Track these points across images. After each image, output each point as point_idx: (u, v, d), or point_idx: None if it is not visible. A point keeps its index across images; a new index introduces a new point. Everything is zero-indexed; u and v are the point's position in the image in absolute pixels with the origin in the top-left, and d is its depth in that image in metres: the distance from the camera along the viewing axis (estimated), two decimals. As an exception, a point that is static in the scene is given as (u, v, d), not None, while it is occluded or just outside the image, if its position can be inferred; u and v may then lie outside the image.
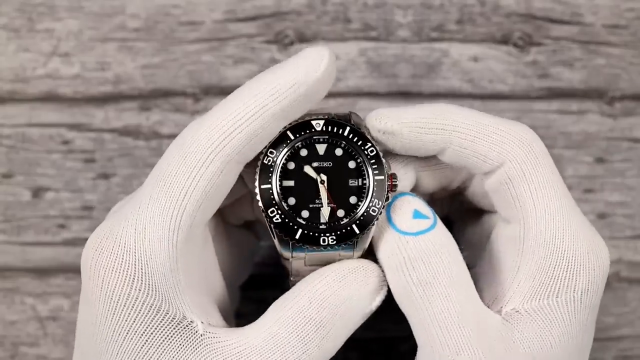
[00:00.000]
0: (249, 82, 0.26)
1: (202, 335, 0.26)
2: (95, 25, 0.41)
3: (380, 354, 0.40)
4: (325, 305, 0.26)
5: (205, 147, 0.25)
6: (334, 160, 0.28)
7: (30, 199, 0.41)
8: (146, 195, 0.26)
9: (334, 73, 0.26)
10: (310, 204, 0.27)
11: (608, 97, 0.41)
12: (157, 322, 0.25)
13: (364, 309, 0.27)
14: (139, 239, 0.25)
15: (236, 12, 0.41)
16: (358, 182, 0.27)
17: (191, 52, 0.41)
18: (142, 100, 0.41)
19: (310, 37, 0.41)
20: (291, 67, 0.26)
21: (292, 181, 0.27)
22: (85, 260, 0.26)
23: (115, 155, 0.41)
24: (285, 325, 0.26)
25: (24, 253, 0.41)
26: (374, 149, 0.27)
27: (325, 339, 0.26)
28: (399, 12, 0.41)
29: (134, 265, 0.25)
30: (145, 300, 0.25)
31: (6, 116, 0.41)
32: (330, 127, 0.27)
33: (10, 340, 0.40)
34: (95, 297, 0.26)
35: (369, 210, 0.27)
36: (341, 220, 0.27)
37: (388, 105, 0.30)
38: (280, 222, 0.27)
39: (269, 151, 0.27)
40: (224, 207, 0.31)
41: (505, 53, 0.41)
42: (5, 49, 0.41)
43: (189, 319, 0.26)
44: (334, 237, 0.27)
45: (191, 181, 0.25)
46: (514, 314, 0.27)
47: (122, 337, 0.25)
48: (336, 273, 0.27)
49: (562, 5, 0.41)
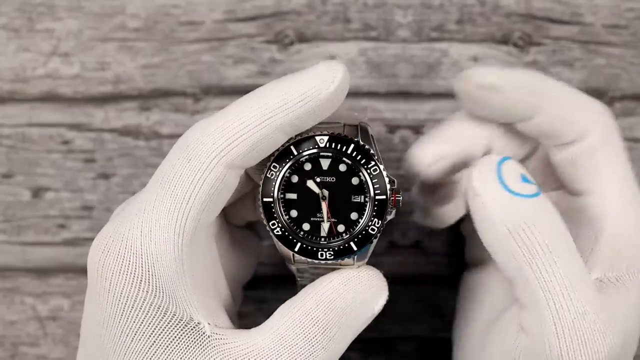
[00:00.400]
0: (258, 90, 0.26)
1: (209, 336, 0.26)
2: (95, 25, 0.41)
3: (380, 354, 0.40)
4: (331, 307, 0.26)
5: (209, 151, 0.25)
6: (337, 176, 0.28)
7: (30, 199, 0.41)
8: (151, 198, 0.26)
9: (346, 90, 0.26)
10: (312, 217, 0.28)
11: (608, 97, 0.41)
12: (165, 324, 0.26)
13: (368, 312, 0.28)
14: (145, 242, 0.25)
15: (236, 12, 0.41)
16: (360, 198, 0.28)
17: (191, 52, 0.41)
18: (142, 100, 0.41)
19: (310, 37, 0.41)
20: (303, 80, 0.25)
21: (294, 194, 0.28)
22: (92, 262, 0.26)
23: (115, 155, 0.41)
24: (293, 327, 0.26)
25: (24, 253, 0.41)
26: (377, 168, 0.27)
27: (331, 341, 0.26)
28: (399, 12, 0.41)
29: (140, 268, 0.25)
30: (153, 301, 0.25)
31: (6, 116, 0.41)
32: (334, 143, 0.27)
33: (10, 340, 0.40)
34: (103, 298, 0.26)
35: (367, 229, 0.27)
36: (341, 236, 0.28)
37: (388, 106, 0.30)
38: (280, 235, 0.27)
39: (272, 165, 0.27)
40: (226, 208, 0.31)
41: (505, 53, 0.41)
42: (5, 49, 0.41)
43: (195, 320, 0.26)
44: (332, 253, 0.27)
45: (195, 185, 0.25)
46: (598, 282, 0.28)
47: (130, 338, 0.25)
48: (341, 278, 0.27)
49: (562, 5, 0.41)
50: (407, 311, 0.40)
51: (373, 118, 0.40)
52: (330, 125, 0.28)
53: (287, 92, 0.25)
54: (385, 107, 0.40)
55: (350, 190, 0.28)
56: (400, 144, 0.40)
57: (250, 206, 0.32)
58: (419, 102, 0.40)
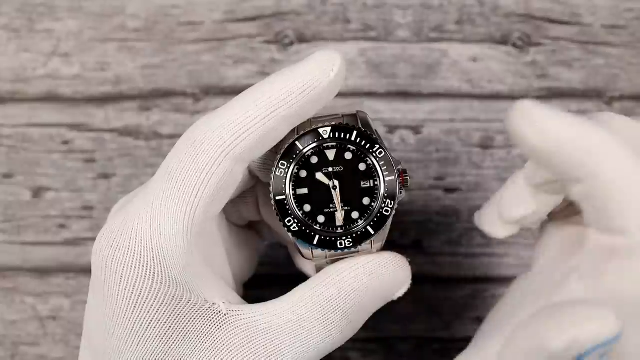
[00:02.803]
0: (260, 84, 0.27)
1: (225, 314, 0.27)
2: (95, 25, 0.41)
3: (379, 354, 0.40)
4: (353, 296, 0.27)
5: (217, 146, 0.26)
6: (345, 165, 0.28)
7: (30, 199, 0.41)
8: (158, 192, 0.26)
9: (344, 76, 0.27)
10: (325, 209, 0.28)
11: (607, 98, 0.41)
12: (180, 309, 0.26)
13: (388, 299, 0.28)
14: (155, 235, 0.26)
15: (236, 12, 0.41)
16: (370, 183, 0.28)
17: (191, 52, 0.41)
18: (142, 100, 0.41)
19: (310, 38, 0.41)
20: (303, 71, 0.26)
21: (305, 189, 0.28)
22: (100, 258, 0.26)
23: (116, 155, 0.41)
24: (312, 310, 0.27)
25: (24, 253, 0.41)
26: (382, 151, 0.28)
27: (348, 326, 0.27)
28: (399, 12, 0.41)
29: (152, 260, 0.26)
30: (167, 292, 0.26)
31: (6, 116, 0.41)
32: (337, 133, 0.28)
33: (10, 339, 0.40)
34: (112, 292, 0.26)
35: (381, 211, 0.28)
36: (356, 222, 0.28)
37: (387, 106, 0.30)
38: (297, 230, 0.28)
39: (280, 163, 0.28)
40: (226, 207, 0.31)
41: (505, 53, 0.41)
42: (6, 49, 0.41)
43: (210, 302, 0.27)
44: (350, 240, 0.28)
45: (203, 179, 0.26)
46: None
47: (144, 327, 0.26)
48: (366, 267, 0.28)
49: (561, 5, 0.41)
50: (406, 311, 0.40)
51: (373, 118, 0.40)
52: (330, 117, 0.28)
53: (290, 84, 0.26)
54: (385, 107, 0.40)
55: (358, 177, 0.28)
56: (400, 144, 0.40)
57: (251, 206, 0.32)
58: (419, 103, 0.41)
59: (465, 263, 0.40)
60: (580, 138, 0.23)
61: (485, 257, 0.40)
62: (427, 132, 0.40)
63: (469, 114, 0.41)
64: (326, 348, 0.27)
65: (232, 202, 0.31)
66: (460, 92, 0.41)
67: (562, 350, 0.21)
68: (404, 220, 0.40)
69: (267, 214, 0.32)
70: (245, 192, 0.31)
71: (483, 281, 0.40)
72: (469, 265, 0.40)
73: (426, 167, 0.40)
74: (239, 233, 0.33)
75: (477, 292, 0.40)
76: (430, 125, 0.40)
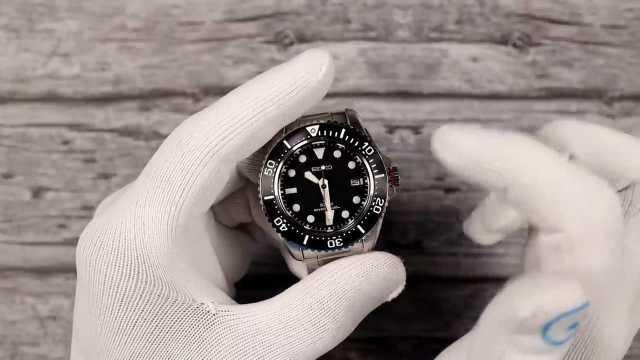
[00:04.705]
0: (248, 84, 0.26)
1: (214, 314, 0.26)
2: (95, 25, 0.41)
3: (378, 354, 0.40)
4: (345, 298, 0.27)
5: (203, 146, 0.26)
6: (334, 163, 0.28)
7: (30, 199, 0.41)
8: (143, 192, 0.26)
9: (333, 76, 0.27)
10: (315, 208, 0.28)
11: (607, 97, 0.41)
12: (167, 308, 0.26)
13: (381, 300, 0.28)
14: (139, 235, 0.25)
15: (236, 12, 0.41)
16: (359, 181, 0.28)
17: (191, 52, 0.41)
18: (142, 100, 0.41)
19: (310, 38, 0.41)
20: (291, 71, 0.26)
21: (294, 188, 0.28)
22: (84, 256, 0.26)
23: (115, 155, 0.41)
24: (304, 312, 0.27)
25: (24, 253, 0.41)
26: (371, 148, 0.27)
27: (341, 328, 0.27)
28: (399, 12, 0.41)
29: (136, 260, 0.25)
30: (153, 290, 0.26)
31: (6, 116, 0.41)
32: (326, 131, 0.28)
33: (10, 339, 0.40)
34: (97, 291, 0.26)
35: (372, 210, 0.27)
36: (346, 222, 0.28)
37: (387, 106, 0.30)
38: (286, 231, 0.27)
39: (268, 162, 0.27)
40: (215, 208, 0.31)
41: (505, 53, 0.41)
42: (6, 49, 0.41)
43: (198, 301, 0.26)
44: (341, 240, 0.27)
45: (188, 179, 0.26)
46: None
47: (131, 326, 0.26)
48: (359, 268, 0.27)
49: (561, 5, 0.41)
50: (405, 311, 0.40)
51: (372, 118, 0.40)
52: (319, 116, 0.28)
53: (277, 84, 0.26)
54: (385, 107, 0.40)
55: (348, 175, 0.28)
56: (400, 144, 0.40)
57: (241, 207, 0.32)
58: (419, 103, 0.41)
59: (464, 263, 0.40)
60: (492, 149, 0.23)
61: (484, 257, 0.40)
62: (427, 132, 0.40)
63: (469, 113, 0.41)
64: (318, 350, 0.27)
65: (221, 203, 0.31)
66: (460, 92, 0.41)
67: (528, 318, 0.21)
68: (404, 220, 0.40)
69: (258, 216, 0.32)
70: (235, 194, 0.31)
71: (483, 281, 0.40)
72: (468, 265, 0.40)
73: (426, 167, 0.40)
74: (229, 234, 0.33)
75: (476, 292, 0.40)
76: (431, 125, 0.40)
